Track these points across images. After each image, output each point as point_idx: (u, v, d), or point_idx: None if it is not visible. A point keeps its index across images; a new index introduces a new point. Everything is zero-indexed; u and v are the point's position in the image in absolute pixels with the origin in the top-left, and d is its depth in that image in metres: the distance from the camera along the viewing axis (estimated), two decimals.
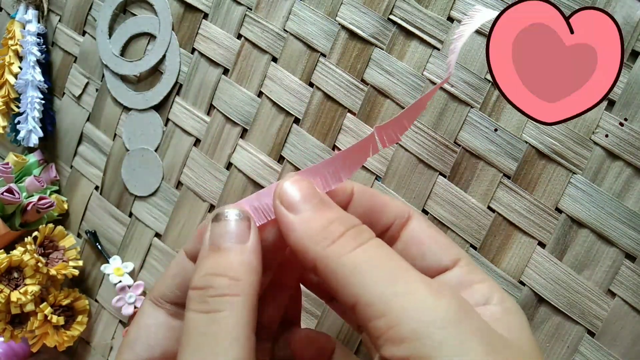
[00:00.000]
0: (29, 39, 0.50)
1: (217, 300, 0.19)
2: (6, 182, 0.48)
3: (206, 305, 0.19)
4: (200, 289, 0.19)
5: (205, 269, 0.20)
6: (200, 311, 0.19)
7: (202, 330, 0.19)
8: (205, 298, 0.19)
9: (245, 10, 0.44)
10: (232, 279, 0.19)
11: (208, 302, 0.19)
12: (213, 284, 0.19)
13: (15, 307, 0.44)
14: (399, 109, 0.40)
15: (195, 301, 0.19)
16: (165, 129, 0.48)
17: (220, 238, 0.21)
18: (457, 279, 0.22)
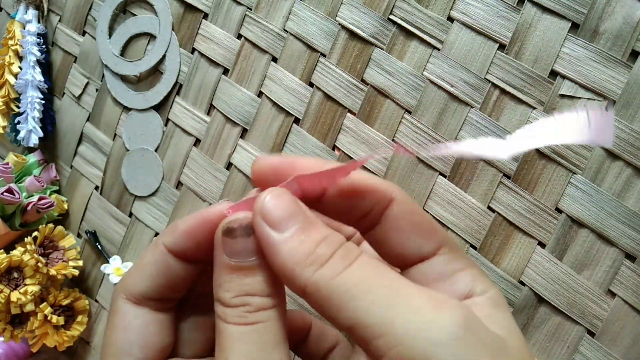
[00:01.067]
0: (29, 39, 0.50)
1: (255, 315, 0.20)
2: (6, 182, 0.48)
3: (246, 319, 0.20)
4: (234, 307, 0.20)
5: (234, 289, 0.20)
6: (241, 324, 0.20)
7: (249, 339, 0.19)
8: (244, 314, 0.20)
9: (245, 10, 0.44)
10: (265, 297, 0.20)
11: (247, 317, 0.20)
12: (247, 302, 0.20)
13: (15, 307, 0.44)
14: (398, 109, 0.40)
15: (234, 316, 0.20)
16: (165, 129, 0.48)
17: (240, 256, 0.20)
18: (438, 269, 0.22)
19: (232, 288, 0.20)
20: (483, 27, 0.37)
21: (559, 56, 0.36)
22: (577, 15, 0.35)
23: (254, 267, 0.20)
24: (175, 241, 0.22)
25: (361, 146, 0.41)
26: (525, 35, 0.36)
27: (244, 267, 0.20)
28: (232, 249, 0.20)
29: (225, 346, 0.19)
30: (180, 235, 0.22)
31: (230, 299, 0.20)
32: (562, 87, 0.36)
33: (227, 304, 0.20)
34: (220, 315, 0.20)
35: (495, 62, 0.37)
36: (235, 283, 0.20)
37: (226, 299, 0.20)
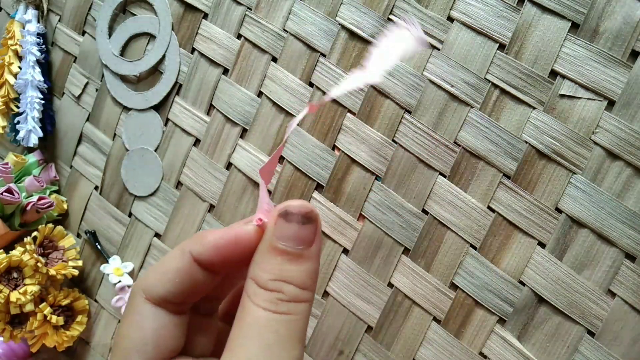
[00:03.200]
0: (29, 39, 0.50)
1: (286, 305, 0.20)
2: (6, 182, 0.47)
3: (278, 307, 0.20)
4: (269, 290, 0.20)
5: (273, 272, 0.20)
6: (272, 311, 0.20)
7: (274, 329, 0.19)
8: (276, 300, 0.20)
9: (245, 10, 0.44)
10: (300, 289, 0.20)
11: (279, 305, 0.20)
12: (283, 289, 0.20)
13: (14, 307, 0.44)
14: (398, 109, 0.40)
15: (265, 300, 0.20)
16: (165, 129, 0.48)
17: (290, 241, 0.20)
18: None
19: (271, 270, 0.20)
20: (483, 27, 0.37)
21: (559, 56, 0.36)
22: (577, 15, 0.35)
23: (299, 256, 0.20)
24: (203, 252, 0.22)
25: (361, 146, 0.41)
26: (525, 35, 0.36)
27: (289, 253, 0.20)
28: (284, 233, 0.20)
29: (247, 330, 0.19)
30: (209, 248, 0.22)
31: (267, 280, 0.20)
32: (562, 87, 0.36)
33: (262, 285, 0.20)
34: (251, 295, 0.20)
35: (495, 62, 0.37)
36: (276, 266, 0.20)
37: (262, 279, 0.20)
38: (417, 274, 0.39)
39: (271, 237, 0.20)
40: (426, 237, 0.39)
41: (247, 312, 0.20)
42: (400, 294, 0.40)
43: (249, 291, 0.20)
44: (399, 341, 0.40)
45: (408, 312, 0.40)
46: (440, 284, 0.39)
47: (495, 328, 0.37)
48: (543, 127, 0.36)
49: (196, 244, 0.22)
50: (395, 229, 0.40)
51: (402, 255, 0.40)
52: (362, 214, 0.41)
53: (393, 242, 0.40)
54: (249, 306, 0.20)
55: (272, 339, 0.19)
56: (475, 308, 0.38)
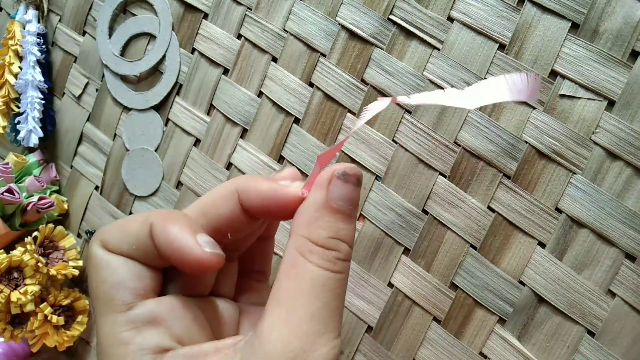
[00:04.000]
0: (29, 39, 0.50)
1: (342, 264, 0.21)
2: (6, 182, 0.48)
3: (335, 266, 0.20)
4: (328, 249, 0.20)
5: (331, 229, 0.21)
6: (331, 270, 0.20)
7: (331, 287, 0.20)
8: (332, 259, 0.20)
9: (245, 10, 0.44)
10: (350, 248, 0.21)
11: (337, 263, 0.20)
12: (340, 248, 0.21)
13: (15, 307, 0.44)
14: (398, 108, 0.40)
15: (324, 259, 0.20)
16: (165, 129, 0.48)
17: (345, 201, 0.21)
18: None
19: (329, 228, 0.20)
20: (483, 27, 0.37)
21: (559, 56, 0.36)
22: (577, 15, 0.35)
23: (350, 215, 0.21)
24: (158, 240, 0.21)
25: (361, 146, 0.41)
26: (525, 35, 0.36)
27: (343, 212, 0.21)
28: (341, 192, 0.21)
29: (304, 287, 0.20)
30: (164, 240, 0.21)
31: (326, 237, 0.20)
32: (562, 87, 0.36)
33: (321, 243, 0.20)
34: (306, 254, 0.20)
35: (495, 62, 0.37)
36: (333, 224, 0.21)
37: (321, 236, 0.20)
38: (417, 274, 0.39)
39: (327, 197, 0.21)
40: (426, 237, 0.39)
41: (303, 269, 0.20)
42: (401, 294, 0.40)
43: (303, 249, 0.20)
44: (399, 341, 0.40)
45: (408, 312, 0.40)
46: (440, 284, 0.39)
47: (496, 328, 0.37)
48: (543, 127, 0.36)
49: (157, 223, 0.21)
50: (395, 228, 0.40)
51: (402, 255, 0.40)
52: (362, 213, 0.41)
53: (393, 242, 0.40)
54: (304, 264, 0.20)
55: (330, 297, 0.20)
56: (476, 308, 0.38)
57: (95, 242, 0.22)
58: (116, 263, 0.21)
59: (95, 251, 0.22)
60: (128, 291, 0.21)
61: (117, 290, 0.21)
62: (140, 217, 0.22)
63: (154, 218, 0.22)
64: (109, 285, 0.21)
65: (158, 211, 0.22)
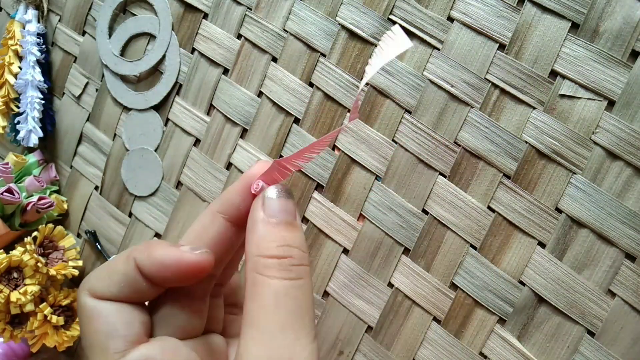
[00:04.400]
0: (29, 39, 0.50)
1: (298, 269, 0.21)
2: (6, 182, 0.47)
3: (290, 273, 0.21)
4: (278, 258, 0.21)
5: (278, 240, 0.21)
6: (287, 279, 0.21)
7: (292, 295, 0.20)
8: (287, 267, 0.21)
9: (245, 10, 0.44)
10: (303, 252, 0.22)
11: (292, 270, 0.21)
12: (292, 254, 0.21)
13: (15, 307, 0.44)
14: (399, 108, 0.40)
15: (277, 269, 0.21)
16: (165, 129, 0.48)
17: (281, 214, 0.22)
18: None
19: (275, 239, 0.21)
20: (483, 27, 0.37)
21: (559, 56, 0.36)
22: (577, 15, 0.35)
23: (292, 224, 0.22)
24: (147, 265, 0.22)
25: (361, 146, 0.41)
26: (525, 35, 0.36)
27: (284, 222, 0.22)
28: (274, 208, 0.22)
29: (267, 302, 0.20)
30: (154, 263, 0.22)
31: (275, 247, 0.21)
32: (562, 87, 0.36)
33: (271, 254, 0.21)
34: (262, 271, 0.21)
35: (495, 62, 0.37)
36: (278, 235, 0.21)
37: (270, 248, 0.21)
38: (417, 274, 0.39)
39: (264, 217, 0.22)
40: (426, 237, 0.39)
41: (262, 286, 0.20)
42: (400, 294, 0.40)
43: (258, 267, 0.21)
44: (399, 341, 0.40)
45: (408, 312, 0.40)
46: (440, 284, 0.39)
47: (495, 328, 0.37)
48: (543, 127, 0.36)
49: (142, 253, 0.22)
50: (395, 229, 0.40)
51: (402, 255, 0.40)
52: (362, 214, 0.41)
53: (393, 242, 0.40)
54: (262, 281, 0.20)
55: (294, 305, 0.20)
56: (475, 308, 0.38)
57: (83, 292, 0.22)
58: (107, 311, 0.22)
59: (84, 301, 0.22)
60: (120, 339, 0.21)
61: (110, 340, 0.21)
62: (122, 256, 0.23)
63: (135, 253, 0.22)
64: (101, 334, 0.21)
65: (136, 246, 0.23)
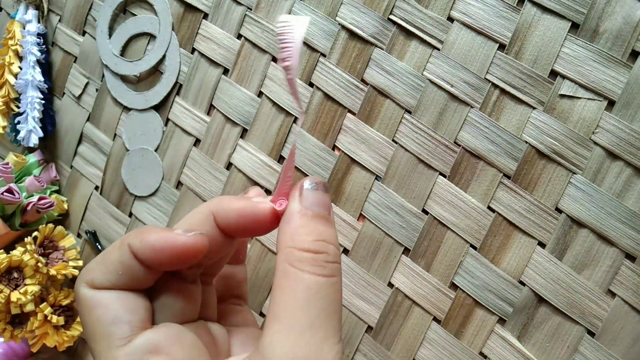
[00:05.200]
0: (29, 39, 0.50)
1: (332, 266, 0.21)
2: (6, 182, 0.47)
3: (324, 270, 0.20)
4: (314, 253, 0.21)
5: (314, 233, 0.21)
6: (321, 275, 0.20)
7: (325, 293, 0.20)
8: (322, 262, 0.21)
9: (245, 10, 0.44)
10: (337, 249, 0.22)
11: (326, 266, 0.21)
12: (327, 250, 0.21)
13: (15, 307, 0.44)
14: (399, 109, 0.40)
15: (311, 264, 0.20)
16: (165, 129, 0.48)
17: (319, 206, 0.22)
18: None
19: (311, 232, 0.21)
20: (483, 27, 0.37)
21: (559, 56, 0.36)
22: (577, 15, 0.35)
23: (329, 220, 0.22)
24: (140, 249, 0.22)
25: (361, 146, 0.41)
26: (525, 35, 0.36)
27: (321, 216, 0.22)
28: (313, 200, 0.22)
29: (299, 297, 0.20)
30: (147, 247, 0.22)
31: (311, 242, 0.21)
32: (562, 87, 0.36)
33: (307, 248, 0.21)
34: (295, 263, 0.21)
35: (495, 62, 0.37)
36: (315, 228, 0.21)
37: (306, 242, 0.21)
38: (417, 274, 0.39)
39: (300, 207, 0.22)
40: (426, 237, 0.39)
41: (294, 280, 0.20)
42: (401, 294, 0.40)
43: (292, 260, 0.21)
44: (399, 341, 0.40)
45: (408, 312, 0.40)
46: (440, 284, 0.39)
47: (495, 328, 0.37)
48: (543, 127, 0.36)
49: (136, 239, 0.22)
50: (395, 229, 0.40)
51: (402, 255, 0.40)
52: (362, 214, 0.41)
53: (393, 242, 0.40)
54: (295, 274, 0.20)
55: (326, 303, 0.20)
56: (475, 308, 0.38)
57: (80, 284, 0.22)
58: (108, 299, 0.22)
59: (83, 293, 0.22)
60: (125, 325, 0.21)
61: (114, 326, 0.21)
62: (116, 244, 0.23)
63: (130, 239, 0.22)
64: (105, 322, 0.21)
65: (130, 232, 0.23)
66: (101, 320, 0.21)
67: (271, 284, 0.44)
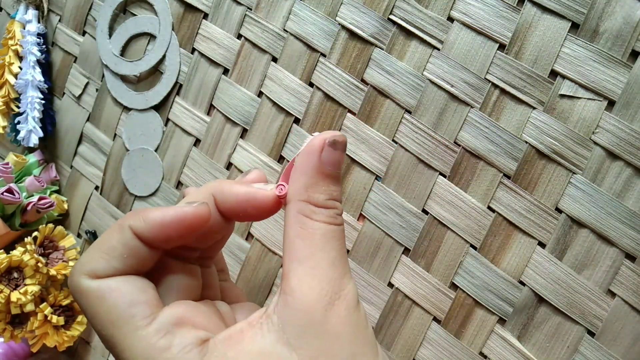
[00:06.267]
0: (29, 39, 0.50)
1: (340, 218, 0.24)
2: (6, 182, 0.48)
3: (336, 220, 0.23)
4: (328, 208, 0.23)
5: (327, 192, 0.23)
6: (332, 223, 0.23)
7: (338, 237, 0.23)
8: (333, 214, 0.23)
9: (245, 10, 0.44)
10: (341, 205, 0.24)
11: (337, 218, 0.23)
12: (336, 206, 0.24)
13: (15, 307, 0.44)
14: (399, 109, 0.40)
15: (328, 216, 0.23)
16: (165, 129, 0.48)
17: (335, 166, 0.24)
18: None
19: (325, 191, 0.23)
20: (483, 27, 0.37)
21: (559, 56, 0.36)
22: (577, 15, 0.35)
23: (338, 178, 0.24)
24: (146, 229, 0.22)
25: (361, 146, 0.41)
26: (525, 35, 0.36)
27: (334, 176, 0.24)
28: (331, 159, 0.23)
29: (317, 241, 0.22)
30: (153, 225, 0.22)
31: (324, 200, 0.23)
32: (562, 87, 0.36)
33: (322, 204, 0.23)
34: (311, 216, 0.23)
35: (495, 62, 0.37)
36: (328, 188, 0.23)
37: (320, 199, 0.23)
38: (417, 274, 0.39)
39: (318, 164, 0.23)
40: (426, 237, 0.39)
41: (312, 228, 0.22)
42: (401, 294, 0.40)
43: (307, 212, 0.23)
44: (399, 341, 0.40)
45: (408, 312, 0.40)
46: (440, 284, 0.39)
47: (496, 328, 0.37)
48: (543, 127, 0.36)
49: (137, 220, 0.22)
50: (395, 229, 0.40)
51: (402, 255, 0.40)
52: (362, 214, 0.41)
53: (393, 242, 0.40)
54: (312, 224, 0.22)
55: (339, 245, 0.23)
56: (476, 308, 0.38)
57: (80, 277, 0.22)
58: (117, 285, 0.22)
59: (87, 285, 0.22)
60: (144, 304, 0.21)
61: (134, 308, 0.21)
62: (115, 229, 0.23)
63: (129, 221, 0.22)
64: (122, 306, 0.21)
65: (125, 216, 0.23)
66: (118, 306, 0.21)
67: (271, 284, 0.44)
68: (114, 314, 0.21)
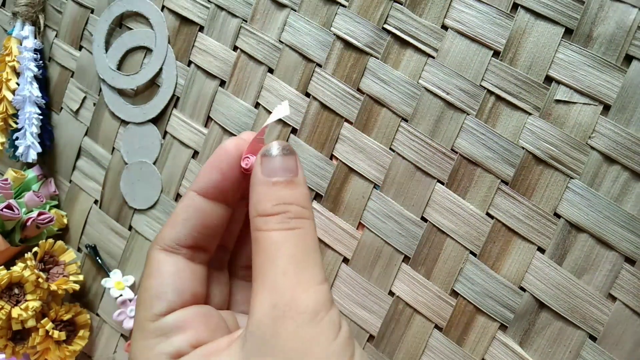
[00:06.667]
0: (26, 54, 0.50)
1: (296, 221, 0.21)
2: (5, 198, 0.48)
3: (289, 224, 0.21)
4: (276, 214, 0.21)
5: (274, 199, 0.22)
6: (285, 229, 0.21)
7: (292, 243, 0.21)
8: (285, 219, 0.21)
9: (240, 22, 0.45)
10: (302, 207, 0.22)
11: (288, 222, 0.21)
12: (287, 209, 0.21)
13: (16, 323, 0.44)
14: (395, 117, 0.40)
15: (276, 222, 0.21)
16: (163, 141, 0.48)
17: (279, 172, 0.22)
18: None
19: (271, 199, 0.22)
20: (477, 34, 0.37)
21: (553, 62, 0.36)
22: (570, 20, 0.35)
23: (291, 182, 0.22)
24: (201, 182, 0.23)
25: (359, 155, 0.41)
26: (520, 41, 0.36)
27: (281, 182, 0.22)
28: (271, 167, 0.22)
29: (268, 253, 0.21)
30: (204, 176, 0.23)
31: (272, 207, 0.21)
32: (558, 93, 0.36)
33: (269, 212, 0.21)
34: (262, 227, 0.21)
35: (490, 68, 0.37)
36: (275, 194, 0.22)
37: (267, 208, 0.21)
38: (418, 281, 0.39)
39: (261, 176, 0.22)
40: (426, 244, 0.39)
41: (262, 240, 0.21)
42: (401, 302, 0.40)
43: (257, 225, 0.21)
44: (401, 350, 0.40)
45: (409, 320, 0.40)
46: (441, 291, 0.39)
47: (497, 334, 0.37)
48: (539, 132, 0.36)
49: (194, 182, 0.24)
50: (394, 237, 0.40)
51: (402, 263, 0.40)
52: (361, 222, 0.41)
53: (393, 251, 0.40)
54: (262, 236, 0.21)
55: (293, 250, 0.21)
56: (477, 315, 0.38)
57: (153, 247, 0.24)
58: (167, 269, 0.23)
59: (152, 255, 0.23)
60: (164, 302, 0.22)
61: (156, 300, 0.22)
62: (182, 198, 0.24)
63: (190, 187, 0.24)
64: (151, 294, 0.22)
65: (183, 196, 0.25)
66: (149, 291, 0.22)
67: None
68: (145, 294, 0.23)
